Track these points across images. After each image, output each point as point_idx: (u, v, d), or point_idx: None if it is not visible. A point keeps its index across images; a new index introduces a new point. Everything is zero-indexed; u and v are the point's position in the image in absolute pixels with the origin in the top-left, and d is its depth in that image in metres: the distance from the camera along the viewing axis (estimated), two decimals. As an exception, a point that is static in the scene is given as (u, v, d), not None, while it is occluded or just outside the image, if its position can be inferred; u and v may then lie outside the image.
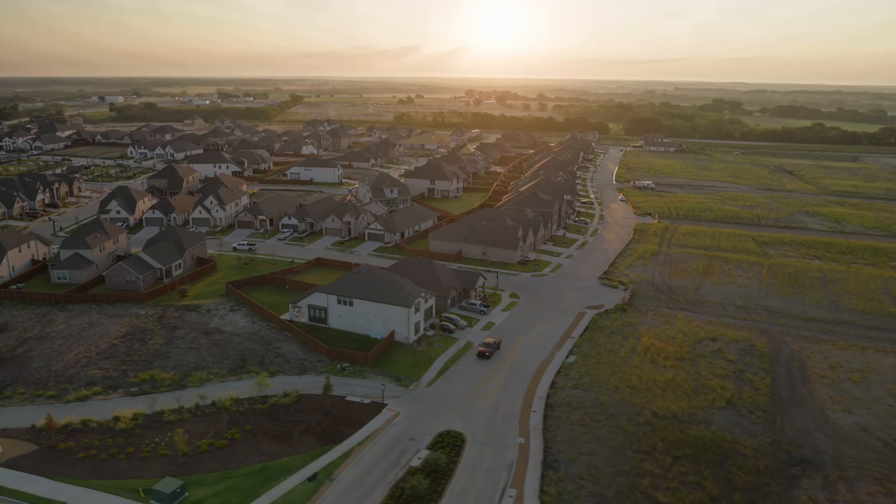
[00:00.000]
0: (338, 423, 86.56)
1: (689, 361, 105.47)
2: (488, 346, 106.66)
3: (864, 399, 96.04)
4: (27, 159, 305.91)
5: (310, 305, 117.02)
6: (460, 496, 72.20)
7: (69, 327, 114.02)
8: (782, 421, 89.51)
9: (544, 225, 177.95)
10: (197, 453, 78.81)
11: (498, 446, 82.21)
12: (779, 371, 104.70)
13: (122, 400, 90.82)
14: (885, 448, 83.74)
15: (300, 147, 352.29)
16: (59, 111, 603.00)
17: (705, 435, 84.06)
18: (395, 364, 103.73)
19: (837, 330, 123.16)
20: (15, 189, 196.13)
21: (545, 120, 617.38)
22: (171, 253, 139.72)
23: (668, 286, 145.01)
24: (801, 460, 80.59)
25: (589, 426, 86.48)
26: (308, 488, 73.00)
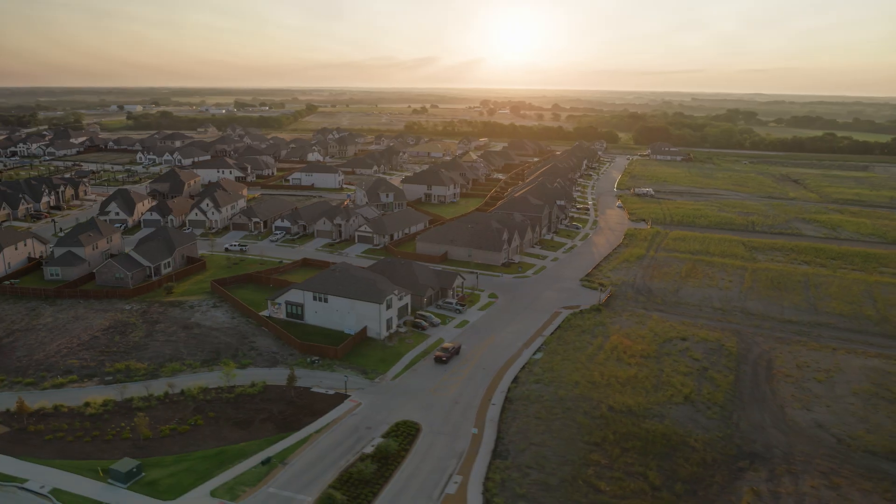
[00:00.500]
0: (299, 412, 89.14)
1: (654, 359, 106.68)
2: (445, 352, 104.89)
3: (826, 397, 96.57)
4: (39, 164, 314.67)
5: (287, 302, 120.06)
6: (407, 481, 74.30)
7: (55, 320, 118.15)
8: (738, 417, 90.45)
9: (532, 229, 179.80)
10: (159, 437, 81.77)
11: (452, 436, 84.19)
12: (744, 370, 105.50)
13: (95, 388, 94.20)
14: (838, 444, 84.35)
15: (306, 154, 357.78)
16: (77, 119, 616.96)
17: (657, 428, 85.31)
18: (364, 358, 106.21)
19: (812, 332, 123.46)
20: (20, 192, 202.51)
21: (555, 129, 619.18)
22: (160, 251, 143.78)
23: (648, 288, 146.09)
24: (751, 454, 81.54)
25: (544, 418, 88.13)
26: (261, 471, 75.53)
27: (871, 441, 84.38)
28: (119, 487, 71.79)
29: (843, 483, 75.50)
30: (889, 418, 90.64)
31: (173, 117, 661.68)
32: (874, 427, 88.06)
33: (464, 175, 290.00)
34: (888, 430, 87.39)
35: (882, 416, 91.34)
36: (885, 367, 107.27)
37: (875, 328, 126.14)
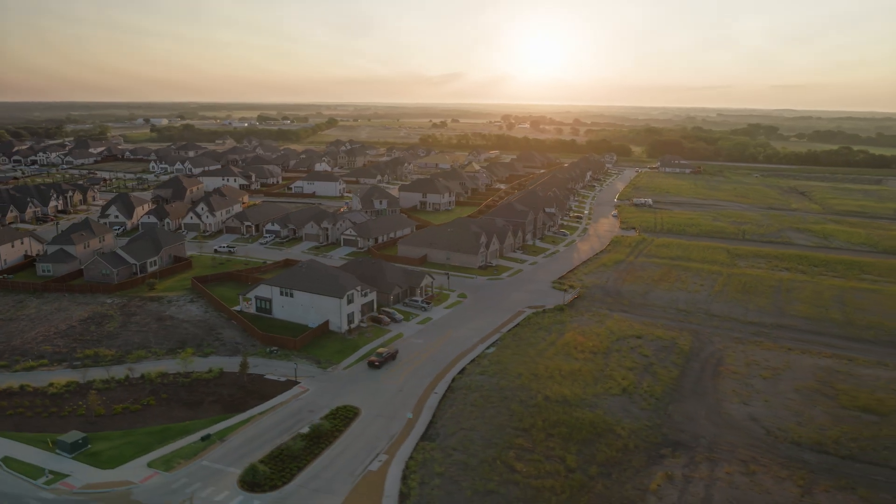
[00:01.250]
0: (248, 395, 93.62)
1: (602, 355, 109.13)
2: (379, 357, 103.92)
3: (767, 393, 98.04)
4: (55, 172, 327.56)
5: (256, 297, 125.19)
6: (335, 458, 78.10)
7: (38, 312, 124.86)
8: (673, 409, 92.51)
9: (514, 234, 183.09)
10: (111, 415, 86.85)
11: (388, 419, 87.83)
12: (692, 366, 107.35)
13: (63, 371, 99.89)
14: (766, 436, 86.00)
15: (314, 164, 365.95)
16: (102, 131, 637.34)
17: (587, 416, 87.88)
18: (321, 349, 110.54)
19: (772, 333, 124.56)
20: (29, 196, 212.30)
21: (567, 143, 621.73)
22: (147, 250, 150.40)
23: (617, 290, 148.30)
24: (676, 443, 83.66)
25: (480, 406, 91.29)
26: (199, 446, 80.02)
27: (800, 433, 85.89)
28: (65, 457, 76.84)
29: (760, 470, 77.30)
30: (824, 413, 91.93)
31: (195, 130, 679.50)
32: (806, 420, 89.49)
33: (463, 184, 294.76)
34: (819, 423, 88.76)
35: (818, 410, 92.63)
36: (835, 366, 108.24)
37: (837, 330, 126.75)
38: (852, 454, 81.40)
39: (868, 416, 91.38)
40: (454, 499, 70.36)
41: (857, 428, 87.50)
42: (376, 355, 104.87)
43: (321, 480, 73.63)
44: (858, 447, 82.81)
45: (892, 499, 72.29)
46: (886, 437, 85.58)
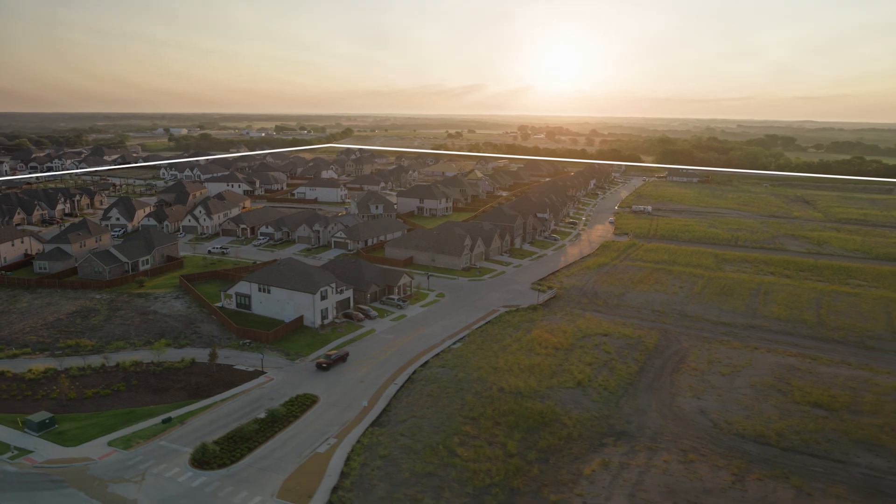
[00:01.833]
0: (215, 383, 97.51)
1: (564, 351, 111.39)
2: (328, 358, 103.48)
3: (721, 388, 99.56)
4: (69, 178, 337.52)
5: (237, 293, 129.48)
6: (286, 441, 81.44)
7: (30, 305, 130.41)
8: (625, 402, 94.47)
9: (501, 237, 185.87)
10: (82, 399, 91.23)
11: (343, 408, 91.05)
12: (653, 363, 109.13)
13: (43, 359, 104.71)
14: (713, 428, 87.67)
15: (320, 172, 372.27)
16: (121, 140, 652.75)
17: (537, 407, 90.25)
18: (293, 343, 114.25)
19: (741, 333, 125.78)
20: (37, 199, 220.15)
21: (577, 152, 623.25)
22: (139, 249, 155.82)
23: (594, 292, 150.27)
24: (621, 433, 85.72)
25: (435, 396, 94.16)
26: (159, 428, 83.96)
27: (745, 426, 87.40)
28: (32, 435, 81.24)
29: (698, 459, 79.09)
30: (774, 407, 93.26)
31: (212, 139, 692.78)
32: (754, 414, 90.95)
33: (463, 191, 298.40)
34: (767, 416, 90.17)
35: (768, 405, 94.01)
36: (796, 365, 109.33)
37: (808, 331, 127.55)
38: (794, 446, 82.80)
39: (818, 410, 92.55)
40: (392, 479, 73.27)
41: (804, 422, 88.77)
42: (325, 357, 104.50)
43: (269, 460, 77.01)
44: (801, 440, 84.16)
45: (825, 487, 73.70)
46: (831, 430, 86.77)
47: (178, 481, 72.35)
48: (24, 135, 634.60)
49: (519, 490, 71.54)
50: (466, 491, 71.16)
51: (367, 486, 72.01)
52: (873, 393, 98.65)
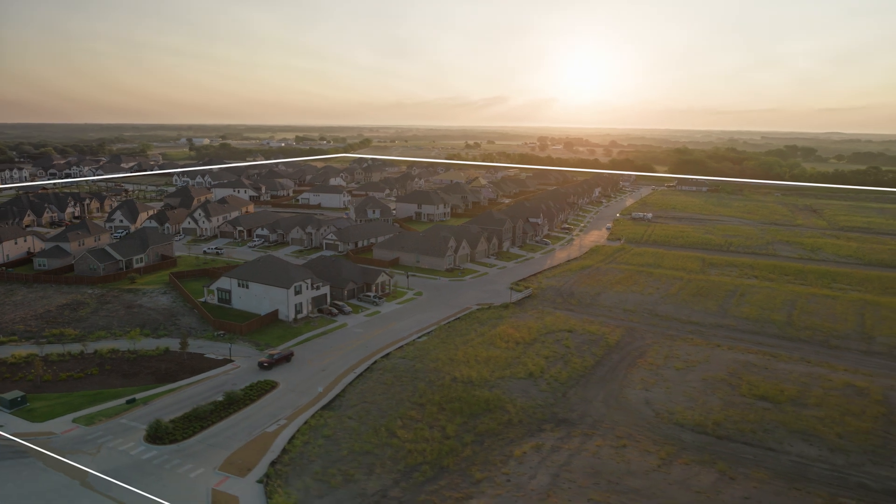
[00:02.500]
0: (183, 369, 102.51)
1: (525, 345, 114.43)
2: (270, 357, 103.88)
3: (672, 381, 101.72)
4: (85, 184, 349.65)
5: (218, 289, 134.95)
6: (239, 421, 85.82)
7: (24, 298, 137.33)
8: (573, 392, 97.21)
9: (488, 240, 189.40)
10: (56, 381, 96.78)
11: (301, 393, 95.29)
12: (611, 357, 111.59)
13: (27, 346, 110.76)
14: (654, 418, 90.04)
15: (328, 179, 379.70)
16: (143, 149, 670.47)
17: (484, 395, 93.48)
18: (265, 335, 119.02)
19: (707, 331, 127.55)
20: (47, 202, 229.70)
21: (590, 162, 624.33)
22: (134, 248, 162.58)
23: (570, 292, 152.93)
24: (562, 420, 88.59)
25: (389, 384, 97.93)
26: (123, 407, 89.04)
27: (686, 416, 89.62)
28: (3, 412, 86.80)
29: (630, 445, 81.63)
30: (719, 399, 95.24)
31: (231, 149, 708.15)
32: (698, 405, 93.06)
33: (465, 198, 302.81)
34: (710, 407, 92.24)
35: (714, 397, 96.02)
36: (754, 361, 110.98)
37: (774, 330, 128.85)
38: (729, 435, 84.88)
39: (762, 403, 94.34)
40: (330, 456, 77.17)
41: (745, 413, 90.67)
42: (267, 356, 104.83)
43: (219, 438, 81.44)
44: (738, 429, 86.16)
45: (748, 472, 75.74)
46: (770, 421, 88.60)
47: (130, 454, 77.13)
48: (51, 144, 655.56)
49: (448, 468, 74.92)
50: (398, 468, 74.75)
51: (305, 461, 76.01)
52: (823, 388, 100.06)
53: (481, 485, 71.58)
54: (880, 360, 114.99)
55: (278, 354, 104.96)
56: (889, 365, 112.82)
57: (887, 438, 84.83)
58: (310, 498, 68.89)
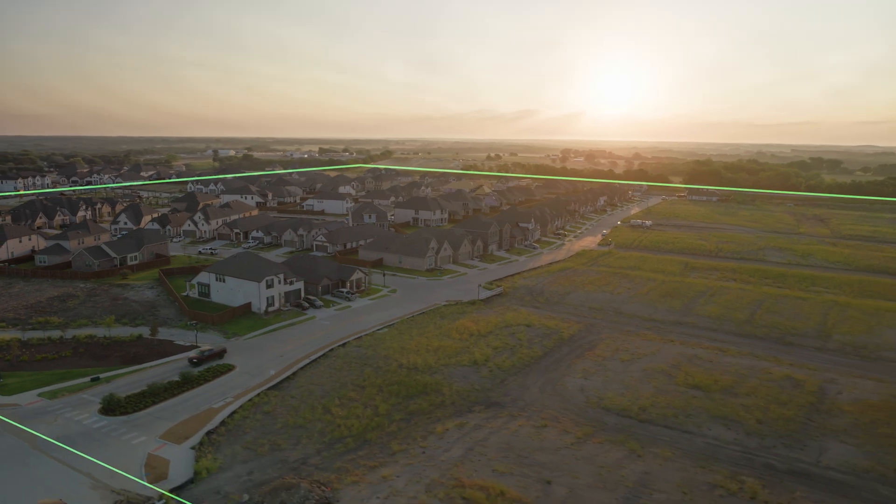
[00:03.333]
0: (151, 353, 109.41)
1: (478, 337, 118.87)
2: (201, 354, 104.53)
3: (613, 371, 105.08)
4: (102, 191, 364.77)
5: (198, 283, 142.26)
6: (189, 398, 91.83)
7: (20, 290, 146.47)
8: (512, 379, 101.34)
9: (472, 242, 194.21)
10: (32, 361, 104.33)
11: (254, 375, 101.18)
12: (561, 349, 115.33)
13: (12, 331, 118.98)
14: (585, 403, 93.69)
15: (338, 187, 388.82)
16: (169, 160, 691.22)
17: (424, 379, 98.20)
18: (236, 325, 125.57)
19: (664, 328, 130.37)
20: (59, 206, 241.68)
21: (605, 172, 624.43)
22: (129, 247, 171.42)
23: (541, 291, 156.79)
24: (494, 403, 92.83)
25: (338, 369, 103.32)
26: (86, 384, 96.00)
27: (614, 401, 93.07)
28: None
29: (552, 425, 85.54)
30: (653, 388, 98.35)
31: (252, 160, 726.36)
32: (630, 393, 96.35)
33: (466, 205, 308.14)
34: (640, 394, 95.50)
35: (649, 386, 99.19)
36: (700, 354, 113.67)
37: (733, 328, 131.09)
38: (651, 419, 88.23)
39: (694, 391, 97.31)
40: (264, 428, 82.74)
41: (673, 400, 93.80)
42: (198, 352, 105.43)
43: (167, 412, 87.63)
44: (661, 414, 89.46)
45: (658, 451, 78.95)
46: (696, 407, 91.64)
47: (83, 423, 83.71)
48: (80, 154, 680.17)
49: (370, 441, 79.88)
50: (324, 440, 79.97)
51: (240, 432, 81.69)
52: (760, 379, 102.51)
53: (396, 455, 76.30)
54: (830, 356, 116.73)
55: (209, 351, 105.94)
56: (837, 360, 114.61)
57: (807, 425, 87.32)
58: (235, 463, 74.46)
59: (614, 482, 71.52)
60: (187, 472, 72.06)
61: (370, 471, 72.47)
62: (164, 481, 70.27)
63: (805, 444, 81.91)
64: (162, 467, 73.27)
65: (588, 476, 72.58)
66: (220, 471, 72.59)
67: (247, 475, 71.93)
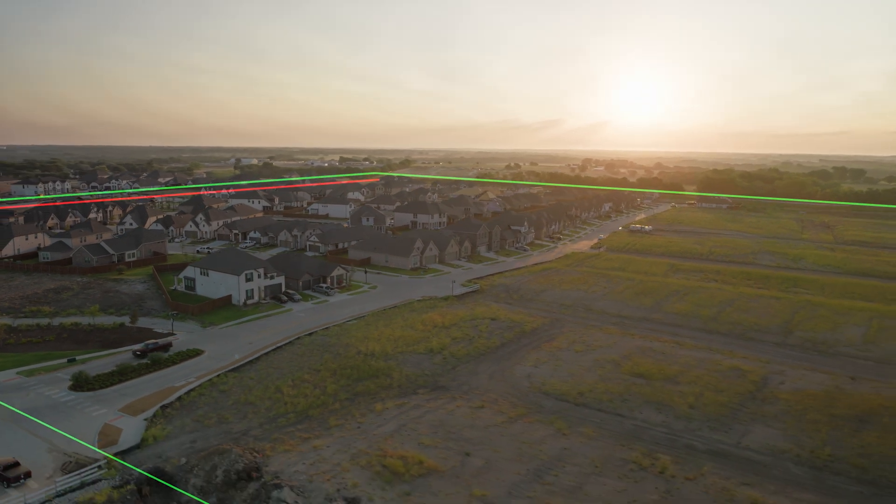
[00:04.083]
0: (128, 338, 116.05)
1: (440, 328, 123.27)
2: (146, 346, 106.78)
3: (564, 361, 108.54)
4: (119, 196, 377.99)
5: (185, 277, 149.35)
6: (155, 378, 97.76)
7: (20, 283, 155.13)
8: (463, 366, 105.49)
9: (459, 243, 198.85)
10: (17, 344, 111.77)
11: (220, 359, 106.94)
12: (520, 341, 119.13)
13: (4, 319, 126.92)
14: (528, 388, 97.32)
15: (346, 193, 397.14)
16: (192, 168, 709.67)
17: (378, 365, 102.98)
18: (214, 316, 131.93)
19: (629, 323, 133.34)
20: (71, 208, 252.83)
21: (618, 180, 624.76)
22: (127, 244, 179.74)
23: (517, 289, 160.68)
24: (440, 387, 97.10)
25: (300, 354, 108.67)
26: (63, 365, 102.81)
27: (556, 386, 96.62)
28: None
29: (489, 407, 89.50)
30: (598, 376, 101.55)
31: (272, 168, 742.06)
32: (574, 380, 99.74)
33: (467, 210, 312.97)
34: (584, 381, 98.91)
35: (594, 374, 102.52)
36: (654, 347, 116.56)
37: (698, 324, 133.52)
38: (587, 402, 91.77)
39: (637, 379, 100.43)
40: (216, 405, 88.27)
41: (614, 386, 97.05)
42: (143, 345, 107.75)
43: (131, 389, 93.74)
44: (597, 398, 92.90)
45: (583, 430, 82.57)
46: (634, 393, 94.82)
47: (51, 398, 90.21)
48: (106, 162, 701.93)
49: (311, 416, 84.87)
50: (269, 415, 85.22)
51: (193, 407, 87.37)
52: (706, 370, 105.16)
53: (332, 430, 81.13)
54: (787, 351, 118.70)
55: (153, 343, 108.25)
56: (792, 354, 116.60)
57: (738, 411, 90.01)
58: (182, 433, 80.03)
59: (531, 456, 75.40)
60: (136, 439, 77.86)
61: (303, 441, 77.42)
62: (113, 446, 76.16)
63: (730, 428, 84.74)
64: (114, 435, 79.19)
65: (508, 450, 76.56)
66: (167, 439, 78.22)
67: (190, 443, 77.38)
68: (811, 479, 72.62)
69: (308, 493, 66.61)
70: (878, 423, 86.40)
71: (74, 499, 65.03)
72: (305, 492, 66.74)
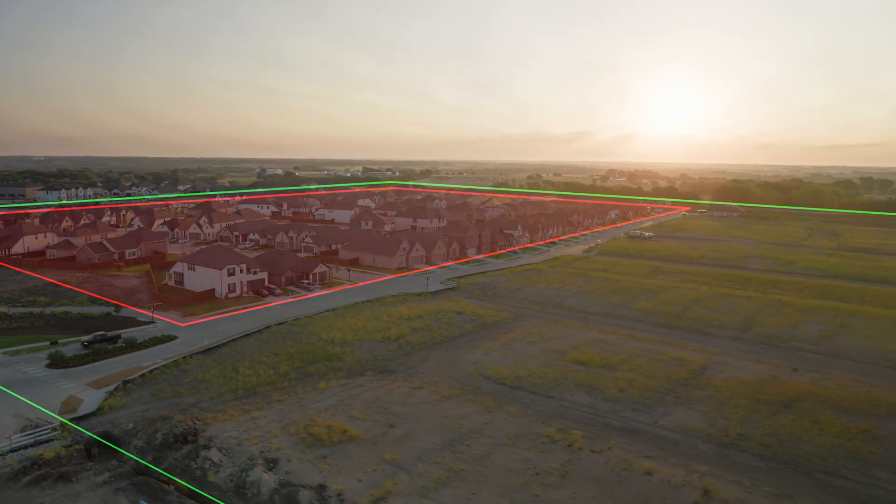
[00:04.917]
0: (112, 326, 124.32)
1: (404, 320, 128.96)
2: (94, 337, 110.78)
3: (514, 350, 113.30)
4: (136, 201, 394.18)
5: (174, 272, 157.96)
6: (127, 359, 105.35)
7: (24, 277, 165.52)
8: (416, 354, 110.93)
9: (447, 245, 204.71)
10: (8, 329, 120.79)
11: (190, 344, 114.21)
12: (478, 333, 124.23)
13: (2, 308, 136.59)
14: (471, 373, 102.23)
15: (356, 200, 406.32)
16: (215, 177, 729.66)
17: (334, 350, 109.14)
18: (196, 307, 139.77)
19: (591, 318, 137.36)
20: (87, 212, 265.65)
21: (633, 189, 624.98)
22: (128, 243, 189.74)
23: (493, 287, 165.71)
24: (384, 370, 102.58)
25: (265, 341, 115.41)
26: (45, 346, 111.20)
27: (498, 372, 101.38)
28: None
29: (428, 388, 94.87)
30: (541, 363, 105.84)
31: (294, 177, 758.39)
32: (517, 366, 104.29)
33: (470, 215, 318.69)
34: (525, 367, 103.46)
35: (538, 361, 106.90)
36: (606, 339, 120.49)
37: (659, 320, 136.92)
38: (521, 385, 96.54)
39: (577, 366, 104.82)
40: (174, 381, 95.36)
41: (553, 372, 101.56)
42: (91, 336, 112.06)
43: (102, 367, 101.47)
44: (533, 382, 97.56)
45: (509, 409, 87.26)
46: (570, 378, 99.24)
47: (28, 373, 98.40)
48: (134, 172, 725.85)
49: (257, 392, 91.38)
50: (219, 391, 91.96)
51: (152, 383, 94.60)
52: (649, 359, 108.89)
53: (274, 404, 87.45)
54: (739, 344, 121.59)
55: (101, 335, 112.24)
56: (743, 347, 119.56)
57: (666, 395, 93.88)
58: (138, 404, 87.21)
59: (451, 428, 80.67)
60: (93, 408, 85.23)
61: (244, 413, 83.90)
62: (71, 413, 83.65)
63: (653, 409, 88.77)
64: (75, 405, 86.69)
65: (431, 423, 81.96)
66: (122, 408, 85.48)
67: (142, 412, 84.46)
68: (714, 454, 76.42)
69: (234, 453, 72.98)
70: (798, 408, 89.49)
71: (26, 454, 72.51)
72: (232, 453, 73.14)
